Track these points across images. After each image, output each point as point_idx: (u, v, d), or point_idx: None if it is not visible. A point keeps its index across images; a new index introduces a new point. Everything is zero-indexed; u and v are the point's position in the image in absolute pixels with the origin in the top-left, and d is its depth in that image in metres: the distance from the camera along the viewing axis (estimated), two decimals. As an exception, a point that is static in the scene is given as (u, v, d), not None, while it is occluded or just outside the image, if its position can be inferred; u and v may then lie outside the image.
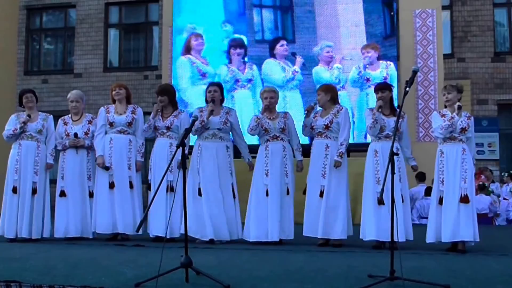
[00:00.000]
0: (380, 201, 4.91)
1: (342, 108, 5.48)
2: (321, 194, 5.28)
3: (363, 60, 6.20)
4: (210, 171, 5.48)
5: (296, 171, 5.54)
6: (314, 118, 5.47)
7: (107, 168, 5.63)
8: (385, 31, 6.09)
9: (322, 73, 5.99)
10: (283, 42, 5.81)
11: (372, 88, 5.80)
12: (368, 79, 6.21)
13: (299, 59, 5.72)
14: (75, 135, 5.74)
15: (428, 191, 8.95)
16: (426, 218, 8.82)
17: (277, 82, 5.88)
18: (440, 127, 5.03)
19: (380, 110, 5.21)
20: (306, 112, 5.51)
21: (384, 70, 6.13)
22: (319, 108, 5.57)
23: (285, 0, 5.81)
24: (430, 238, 5.05)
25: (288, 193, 5.43)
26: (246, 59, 6.10)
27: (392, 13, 6.26)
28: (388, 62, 6.11)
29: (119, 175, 5.66)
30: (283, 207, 5.39)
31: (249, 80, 6.08)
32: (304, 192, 5.44)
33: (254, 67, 6.02)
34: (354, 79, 6.23)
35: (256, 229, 5.37)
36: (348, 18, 5.78)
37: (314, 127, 5.44)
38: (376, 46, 6.22)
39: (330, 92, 5.49)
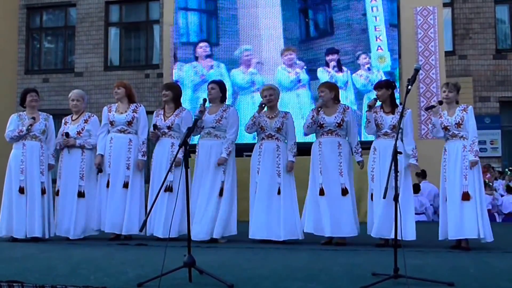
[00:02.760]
0: (372, 198, 5.13)
1: (348, 107, 5.48)
2: (344, 193, 5.20)
3: (283, 61, 6.61)
4: (200, 169, 5.47)
5: (286, 171, 5.41)
6: (317, 115, 5.34)
7: (100, 170, 5.65)
8: (300, 35, 6.52)
9: (238, 75, 6.37)
10: (203, 44, 6.20)
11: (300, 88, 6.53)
12: (300, 80, 6.78)
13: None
14: (66, 134, 5.73)
15: (415, 188, 8.91)
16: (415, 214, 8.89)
17: (195, 82, 6.55)
18: (430, 130, 5.23)
19: (371, 109, 5.19)
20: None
21: (300, 72, 6.62)
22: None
23: (210, 4, 6.11)
24: (440, 235, 5.07)
25: (279, 193, 5.35)
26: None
27: (307, 20, 6.62)
28: (303, 62, 6.60)
29: (115, 174, 5.64)
30: (271, 207, 5.32)
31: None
32: (322, 193, 5.20)
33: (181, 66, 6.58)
34: (282, 80, 6.60)
35: (257, 228, 5.35)
36: (267, 22, 6.11)
37: (323, 124, 5.33)
38: (294, 49, 6.63)
39: (334, 90, 5.45)
